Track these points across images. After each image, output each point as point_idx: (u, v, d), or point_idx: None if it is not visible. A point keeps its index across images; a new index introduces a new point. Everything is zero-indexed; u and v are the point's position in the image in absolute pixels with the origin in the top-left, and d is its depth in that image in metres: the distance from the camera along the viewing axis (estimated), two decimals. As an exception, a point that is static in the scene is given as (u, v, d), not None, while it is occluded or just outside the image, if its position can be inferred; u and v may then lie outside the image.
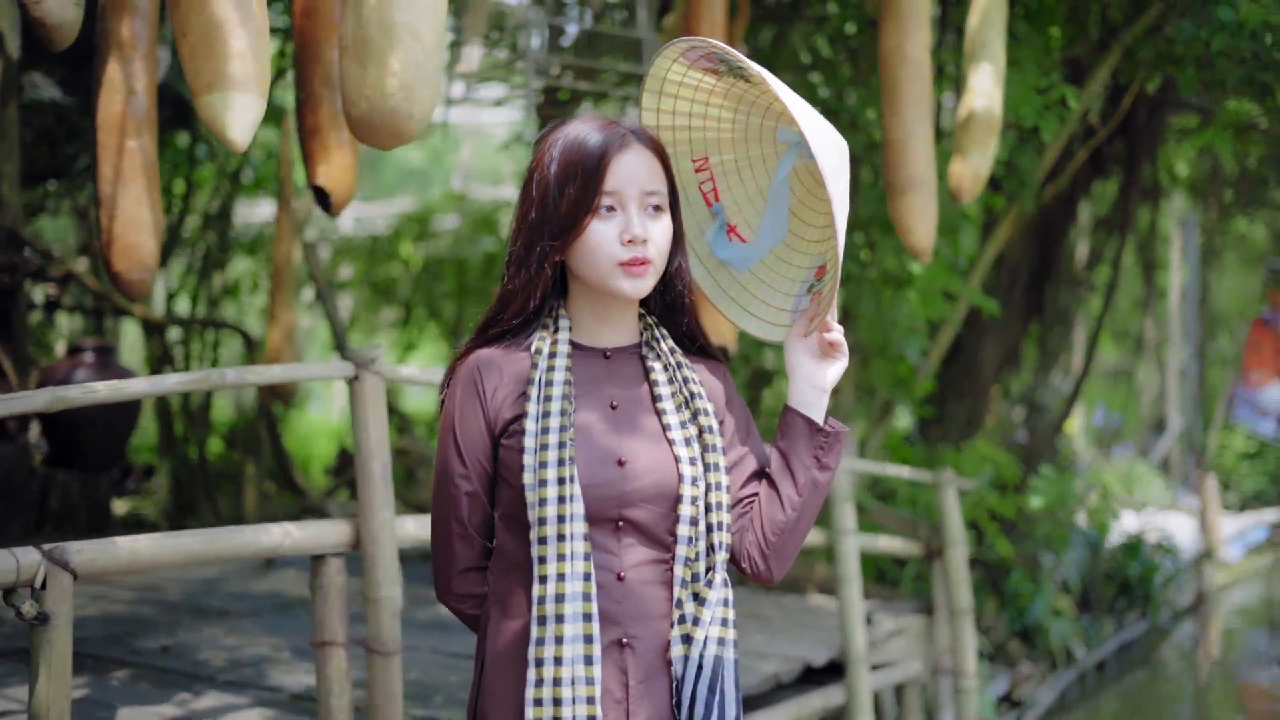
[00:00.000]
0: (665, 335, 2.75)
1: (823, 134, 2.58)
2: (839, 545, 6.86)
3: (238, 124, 3.28)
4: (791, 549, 2.69)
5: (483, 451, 2.66)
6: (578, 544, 2.52)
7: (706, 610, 2.56)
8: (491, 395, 2.65)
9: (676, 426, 2.64)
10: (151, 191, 5.07)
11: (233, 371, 4.15)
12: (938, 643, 8.06)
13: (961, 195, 6.34)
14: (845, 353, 2.72)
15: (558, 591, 2.51)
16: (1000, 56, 6.39)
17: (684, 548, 2.59)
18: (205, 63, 3.25)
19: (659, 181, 2.63)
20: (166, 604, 7.45)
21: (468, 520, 2.69)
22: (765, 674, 6.48)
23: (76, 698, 5.39)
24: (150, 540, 3.92)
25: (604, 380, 2.68)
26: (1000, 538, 9.43)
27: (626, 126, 2.65)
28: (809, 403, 2.69)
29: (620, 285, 2.60)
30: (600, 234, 2.59)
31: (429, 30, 3.89)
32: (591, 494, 2.56)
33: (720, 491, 2.63)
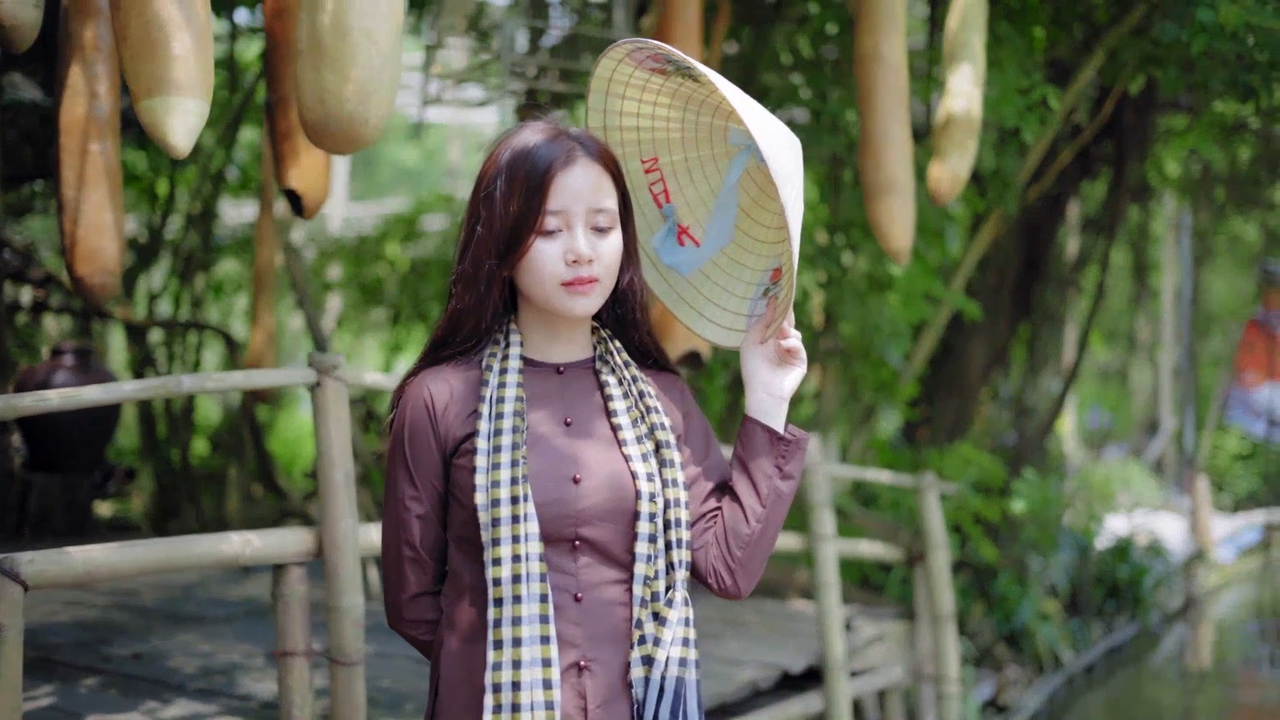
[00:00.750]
0: (619, 349, 2.69)
1: (774, 136, 2.51)
2: (817, 551, 6.80)
3: (179, 129, 3.22)
4: (758, 562, 2.63)
5: (434, 472, 2.60)
6: (533, 564, 2.46)
7: (667, 630, 2.51)
8: (442, 414, 2.59)
9: (633, 442, 2.58)
10: (114, 196, 5.02)
11: (189, 379, 4.09)
12: (920, 648, 8.00)
13: (940, 197, 6.30)
14: (803, 359, 2.66)
15: (514, 614, 2.45)
16: (980, 58, 6.35)
17: (642, 566, 2.53)
18: (146, 66, 3.18)
19: (606, 197, 2.56)
20: (141, 610, 7.39)
21: (419, 544, 2.63)
22: (742, 681, 6.43)
23: (43, 706, 5.35)
24: (105, 550, 3.87)
25: (557, 396, 2.62)
26: (985, 542, 9.38)
27: (575, 138, 2.58)
28: (768, 411, 2.63)
29: (565, 305, 2.55)
30: (544, 253, 2.52)
31: (385, 35, 3.83)
32: (546, 512, 2.50)
33: (679, 508, 2.57)
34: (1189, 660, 13.72)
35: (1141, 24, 7.69)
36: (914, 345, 9.58)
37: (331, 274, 14.74)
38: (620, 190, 2.61)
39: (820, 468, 6.90)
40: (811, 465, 6.89)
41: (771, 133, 2.51)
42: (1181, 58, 7.03)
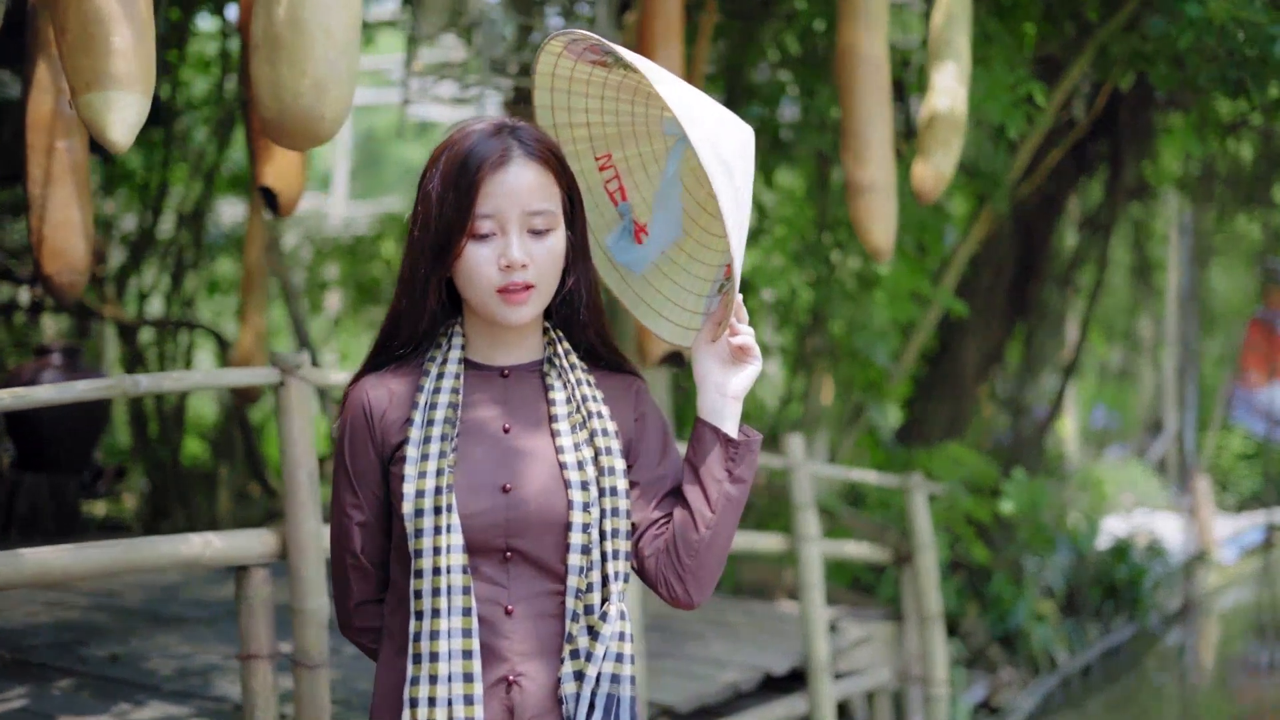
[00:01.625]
0: (569, 350, 2.61)
1: (701, 121, 2.41)
2: (800, 551, 6.76)
3: (119, 124, 3.15)
4: (710, 570, 2.53)
5: (374, 480, 2.55)
6: (455, 577, 2.40)
7: (600, 645, 2.43)
8: (380, 420, 2.53)
9: (570, 449, 2.50)
10: (82, 193, 4.99)
11: (146, 378, 4.04)
12: (908, 650, 7.95)
13: (924, 196, 6.24)
14: (757, 356, 2.55)
15: (433, 628, 2.39)
16: (965, 55, 6.29)
17: (575, 578, 2.46)
18: (84, 60, 3.13)
19: (546, 198, 2.47)
20: (122, 611, 7.34)
21: (361, 552, 2.58)
22: (723, 683, 6.38)
23: (15, 708, 5.30)
24: (58, 552, 3.82)
25: (499, 401, 2.55)
26: (976, 542, 9.32)
27: (514, 136, 2.48)
28: (719, 412, 2.52)
29: (501, 314, 2.47)
30: (477, 258, 2.45)
31: (342, 28, 3.78)
32: (474, 523, 2.43)
33: (617, 518, 2.49)
34: (1188, 662, 13.65)
35: (1132, 20, 7.63)
36: (904, 344, 9.53)
37: (330, 273, 14.70)
38: (565, 189, 2.52)
39: (804, 467, 6.85)
40: (795, 465, 6.84)
41: (700, 118, 2.41)
42: (1171, 53, 6.97)
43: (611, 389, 2.62)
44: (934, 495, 8.95)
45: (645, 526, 2.56)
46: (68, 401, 3.84)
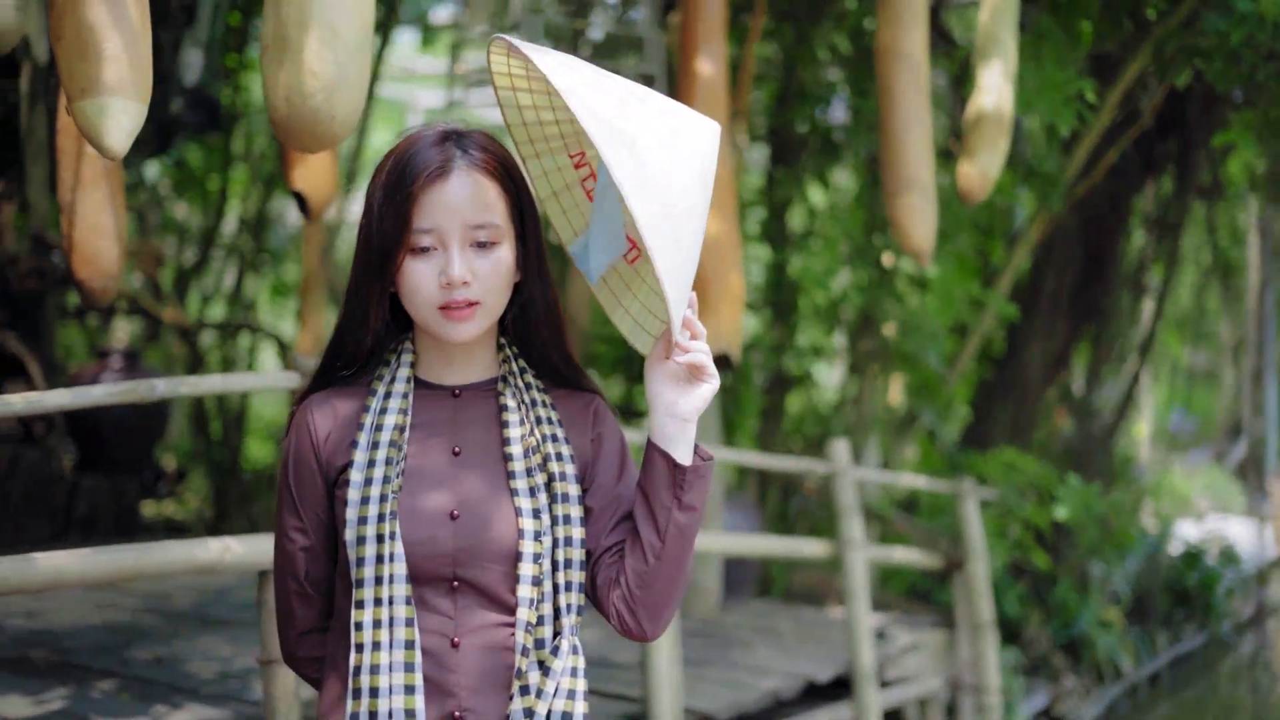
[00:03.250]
0: (524, 369, 2.47)
1: (621, 129, 2.19)
2: (845, 557, 6.67)
3: (113, 130, 3.14)
4: (661, 601, 2.37)
5: (318, 503, 2.42)
6: (398, 609, 2.28)
7: (551, 681, 2.31)
8: (324, 441, 2.40)
9: (522, 474, 2.37)
10: (114, 197, 5.00)
11: (163, 382, 4.04)
12: (959, 657, 7.84)
13: (970, 197, 6.16)
14: (712, 375, 2.33)
15: (374, 662, 2.27)
16: (1011, 53, 6.21)
17: (526, 611, 2.32)
18: (79, 67, 3.12)
19: (489, 210, 2.32)
20: (170, 613, 7.39)
21: (304, 577, 2.45)
22: (763, 690, 6.31)
23: (54, 709, 5.33)
24: (73, 556, 3.80)
25: (449, 422, 2.41)
26: (1036, 548, 9.19)
27: (458, 146, 2.34)
28: (669, 436, 2.33)
29: (444, 332, 2.34)
30: (417, 274, 2.31)
31: (351, 28, 3.75)
32: (419, 551, 2.30)
33: (570, 548, 2.36)
34: (1260, 671, 13.40)
35: (1190, 16, 7.49)
36: (959, 347, 9.42)
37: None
38: (513, 200, 2.38)
39: (849, 473, 6.77)
40: (840, 470, 6.77)
41: (614, 124, 2.20)
42: (1226, 50, 6.83)
43: (569, 409, 2.48)
44: (987, 501, 8.83)
45: (599, 554, 2.42)
46: (80, 406, 3.83)
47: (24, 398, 3.75)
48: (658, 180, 2.22)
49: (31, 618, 7.00)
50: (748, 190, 10.28)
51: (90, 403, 3.93)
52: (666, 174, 2.23)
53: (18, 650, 6.27)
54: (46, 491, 9.20)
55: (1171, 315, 13.10)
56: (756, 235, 10.21)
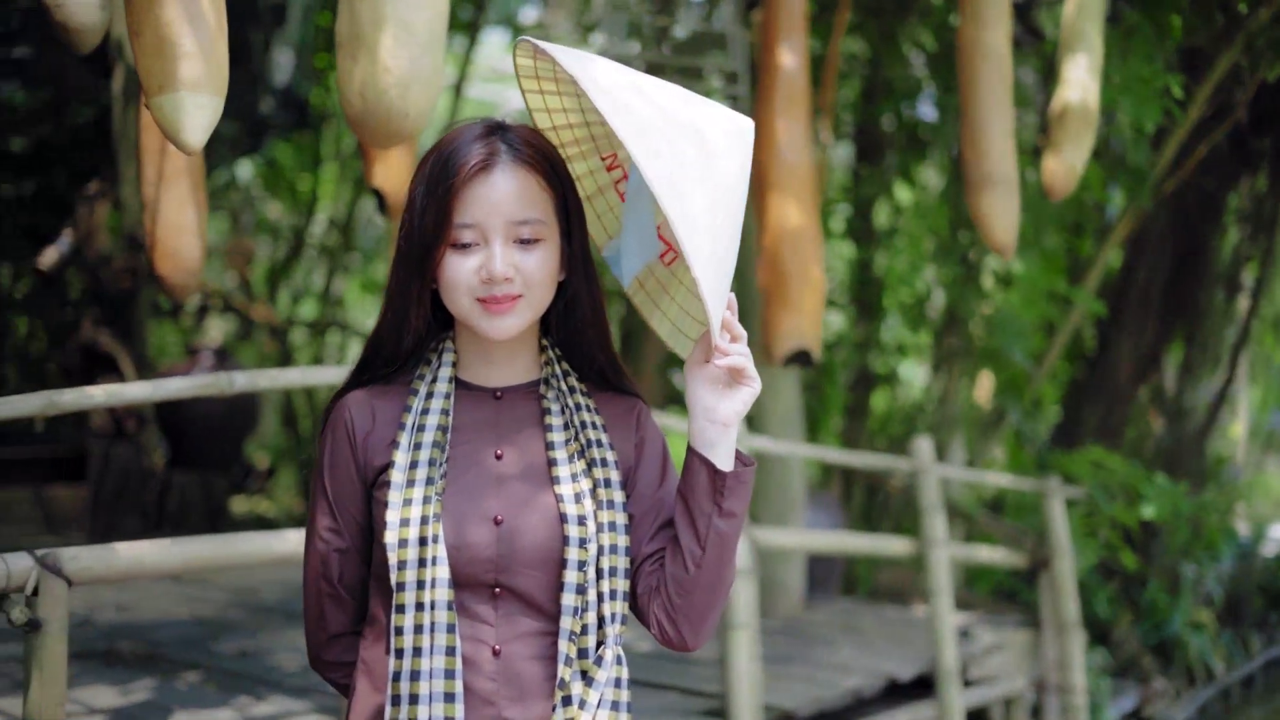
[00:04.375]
0: (568, 371, 2.40)
1: (651, 131, 2.14)
2: (928, 556, 6.63)
3: (189, 125, 3.17)
4: (702, 610, 2.30)
5: (355, 504, 2.35)
6: (440, 614, 2.21)
7: (594, 692, 2.24)
8: (363, 441, 2.33)
9: (567, 479, 2.29)
10: (195, 193, 5.05)
11: (242, 376, 4.08)
12: (1045, 657, 7.76)
13: (1054, 192, 6.10)
14: (753, 379, 2.26)
15: (414, 668, 2.20)
16: (1097, 48, 6.15)
17: (569, 620, 2.24)
18: (156, 63, 3.15)
19: (533, 206, 2.26)
20: (257, 607, 7.48)
21: (338, 580, 2.38)
22: (844, 688, 6.28)
23: (139, 701, 5.41)
24: (153, 546, 3.86)
25: (491, 425, 2.34)
26: (1125, 548, 9.07)
27: (503, 140, 2.27)
28: (709, 441, 2.26)
29: (485, 326, 2.27)
30: (457, 269, 2.25)
31: (424, 24, 3.78)
32: (462, 557, 2.23)
33: (616, 555, 2.28)
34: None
35: (1281, 10, 7.39)
36: (1047, 345, 9.33)
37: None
38: (559, 196, 2.31)
39: (932, 471, 6.73)
40: (923, 468, 6.73)
41: (645, 124, 2.14)
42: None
43: (612, 412, 2.42)
44: (1074, 500, 8.73)
45: (639, 561, 2.36)
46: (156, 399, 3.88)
47: (105, 389, 3.80)
48: (691, 179, 2.15)
49: (121, 611, 7.11)
50: (833, 187, 10.25)
51: (168, 395, 3.97)
52: (700, 172, 2.17)
53: (107, 642, 6.37)
54: (138, 487, 9.35)
55: (1268, 314, 12.82)
56: (841, 233, 10.17)
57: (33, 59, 9.65)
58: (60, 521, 9.02)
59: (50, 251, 10.46)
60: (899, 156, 9.61)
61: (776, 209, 6.20)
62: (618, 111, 2.12)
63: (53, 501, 9.08)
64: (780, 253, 6.12)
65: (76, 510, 9.14)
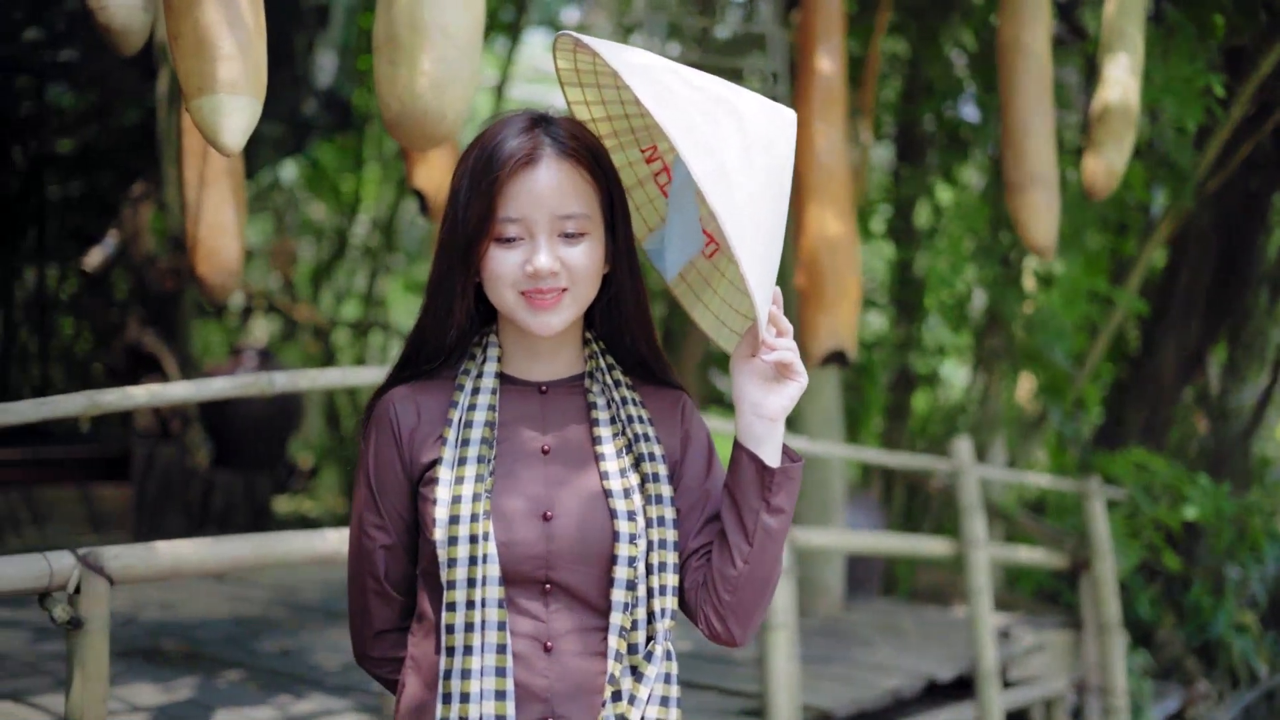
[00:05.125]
0: (613, 365, 2.38)
1: (698, 127, 2.11)
2: (968, 556, 6.61)
3: (228, 128, 3.19)
4: (750, 606, 2.28)
5: (400, 500, 2.33)
6: (490, 611, 2.19)
7: (644, 687, 2.23)
8: (408, 437, 2.31)
9: (615, 474, 2.28)
10: (235, 194, 5.09)
11: (282, 376, 4.12)
12: (1086, 659, 7.73)
13: (1095, 192, 6.07)
14: (800, 373, 2.24)
15: (464, 666, 2.19)
16: (1138, 47, 6.12)
17: (619, 615, 2.23)
18: (195, 65, 3.18)
19: (578, 200, 2.23)
20: (299, 607, 7.52)
21: (384, 577, 2.36)
22: (884, 688, 6.27)
23: (181, 699, 5.45)
24: (192, 545, 3.89)
25: (537, 419, 2.33)
26: (1167, 549, 9.02)
27: (547, 133, 2.25)
28: (756, 436, 2.23)
29: (526, 321, 2.25)
30: (501, 263, 2.22)
31: (461, 28, 3.80)
32: (512, 553, 2.21)
33: (665, 550, 2.27)
34: None
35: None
36: (1089, 345, 9.29)
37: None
38: (603, 189, 2.29)
39: (971, 471, 6.72)
40: (962, 468, 6.71)
41: (690, 122, 2.12)
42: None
43: (657, 406, 2.40)
44: (1116, 501, 8.69)
45: (686, 556, 2.34)
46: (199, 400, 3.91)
47: (147, 390, 3.84)
48: (737, 174, 2.13)
49: (165, 609, 7.18)
50: (873, 187, 10.24)
51: (210, 396, 4.01)
52: (745, 166, 2.15)
53: (150, 641, 6.43)
54: (183, 487, 9.42)
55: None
56: (882, 233, 10.16)
57: (79, 62, 9.73)
58: (106, 521, 9.09)
59: (95, 252, 10.56)
60: (940, 156, 9.59)
61: (813, 210, 6.20)
62: (663, 105, 2.11)
63: (98, 501, 9.15)
64: (817, 254, 6.12)
65: (122, 509, 9.21)
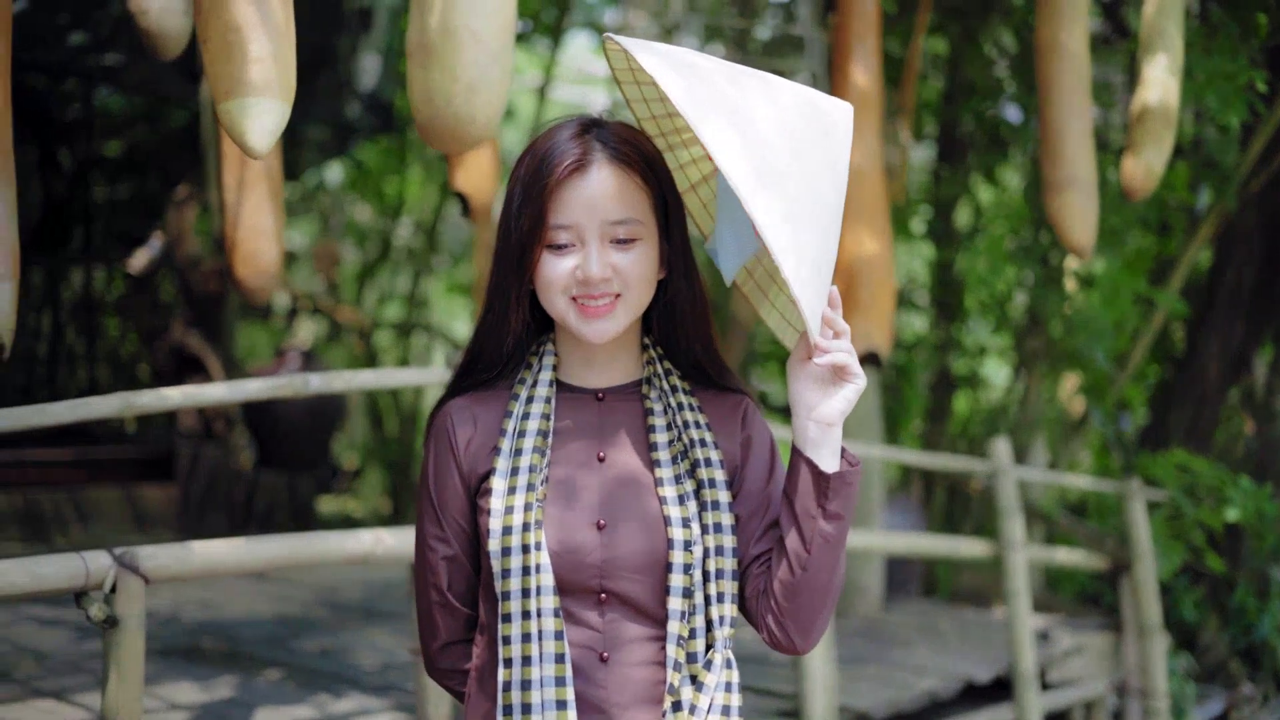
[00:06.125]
0: (669, 370, 2.35)
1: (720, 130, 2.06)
2: (1006, 558, 6.60)
3: (256, 130, 3.22)
4: (811, 613, 2.23)
5: (460, 511, 2.31)
6: (547, 621, 2.17)
7: (704, 696, 2.19)
8: (465, 448, 2.30)
9: (670, 481, 2.25)
10: (274, 198, 5.13)
11: (317, 378, 4.14)
12: (1126, 661, 7.70)
13: (1133, 193, 6.05)
14: (857, 375, 2.19)
15: (524, 677, 2.17)
16: (1177, 46, 6.10)
17: (676, 624, 2.20)
18: (224, 68, 3.21)
19: (630, 206, 2.22)
20: (340, 606, 7.56)
21: (447, 589, 2.34)
22: (920, 690, 6.26)
23: (221, 698, 5.49)
24: (227, 545, 3.93)
25: (594, 427, 2.31)
26: (1210, 551, 8.97)
27: (597, 138, 2.23)
28: (813, 440, 2.19)
29: (578, 328, 2.23)
30: (553, 269, 2.21)
31: (492, 33, 3.82)
32: (566, 562, 2.20)
33: (722, 557, 2.24)
34: None
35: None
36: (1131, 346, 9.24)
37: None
38: (656, 194, 2.26)
39: (1009, 472, 6.70)
40: (1001, 470, 6.70)
41: (721, 120, 2.07)
42: None
43: (717, 411, 2.36)
44: (1157, 502, 8.64)
45: (747, 563, 2.30)
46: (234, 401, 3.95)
47: (182, 391, 3.89)
48: (779, 174, 2.09)
49: (206, 609, 7.23)
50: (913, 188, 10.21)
51: (245, 397, 4.04)
52: (787, 166, 2.11)
53: (191, 640, 6.48)
54: (227, 488, 9.49)
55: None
56: (922, 234, 10.14)
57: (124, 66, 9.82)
58: (150, 521, 9.17)
59: (140, 254, 10.65)
60: (980, 157, 9.56)
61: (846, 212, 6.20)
62: (697, 106, 2.07)
63: (142, 501, 9.23)
64: (850, 256, 6.13)
65: (166, 510, 9.29)
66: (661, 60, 2.13)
